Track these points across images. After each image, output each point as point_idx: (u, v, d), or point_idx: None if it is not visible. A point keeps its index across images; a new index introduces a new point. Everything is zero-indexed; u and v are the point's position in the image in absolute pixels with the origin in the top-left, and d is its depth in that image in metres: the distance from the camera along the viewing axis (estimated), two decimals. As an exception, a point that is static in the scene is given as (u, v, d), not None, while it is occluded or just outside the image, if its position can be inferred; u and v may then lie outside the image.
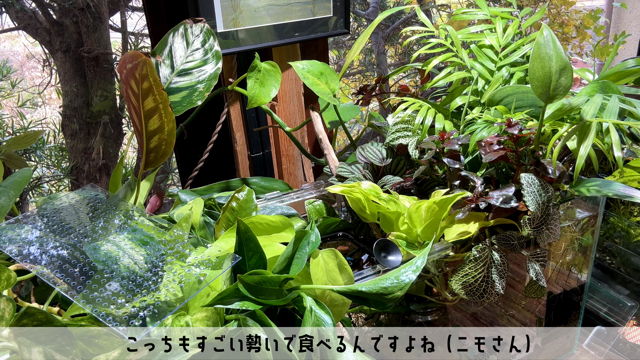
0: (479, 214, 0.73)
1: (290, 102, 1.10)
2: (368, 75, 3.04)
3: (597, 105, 0.76)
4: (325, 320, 0.50)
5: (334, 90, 0.87)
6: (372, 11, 2.72)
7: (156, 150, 0.61)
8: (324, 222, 0.79)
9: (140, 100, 0.57)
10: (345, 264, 0.57)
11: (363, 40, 0.98)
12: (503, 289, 0.72)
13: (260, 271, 0.51)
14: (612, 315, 1.05)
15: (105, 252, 0.49)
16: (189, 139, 0.93)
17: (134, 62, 0.55)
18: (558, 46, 0.71)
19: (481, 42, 0.98)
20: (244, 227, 0.53)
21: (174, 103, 0.72)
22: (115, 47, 2.02)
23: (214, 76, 0.74)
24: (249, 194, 0.67)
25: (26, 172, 0.63)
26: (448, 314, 0.86)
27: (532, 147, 0.76)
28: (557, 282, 0.93)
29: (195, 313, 0.50)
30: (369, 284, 0.53)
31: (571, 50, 1.74)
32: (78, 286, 0.47)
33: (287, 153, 1.12)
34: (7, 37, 2.99)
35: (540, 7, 1.64)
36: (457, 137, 0.79)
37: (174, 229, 0.56)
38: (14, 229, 0.53)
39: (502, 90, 0.88)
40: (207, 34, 0.76)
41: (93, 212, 0.58)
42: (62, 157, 2.00)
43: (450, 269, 0.76)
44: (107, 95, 1.94)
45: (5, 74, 1.96)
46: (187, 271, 0.50)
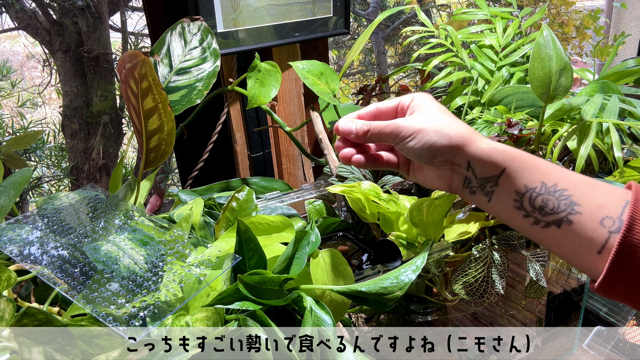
0: (479, 214, 0.73)
1: (290, 102, 1.10)
2: (368, 75, 3.05)
3: (597, 105, 0.76)
4: (325, 320, 0.50)
5: (334, 90, 0.87)
6: (372, 11, 2.72)
7: (156, 150, 0.61)
8: (324, 222, 0.79)
9: (140, 100, 0.57)
10: (345, 263, 0.57)
11: (363, 40, 0.98)
12: (503, 289, 0.72)
13: (261, 271, 0.51)
14: (612, 315, 1.05)
15: (106, 252, 0.49)
16: (189, 139, 0.93)
17: (133, 61, 0.55)
18: (558, 46, 0.71)
19: (481, 42, 0.98)
20: (244, 227, 0.53)
21: (173, 102, 0.71)
22: (115, 47, 2.02)
23: (212, 74, 0.74)
24: (249, 194, 0.66)
25: (26, 172, 0.63)
26: (448, 314, 0.86)
27: (532, 147, 0.76)
28: (557, 282, 0.93)
29: (195, 313, 0.50)
30: (369, 284, 0.53)
31: (571, 50, 1.74)
32: (78, 286, 0.47)
33: (287, 153, 1.12)
34: (7, 37, 2.99)
35: (540, 7, 1.64)
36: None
37: (174, 229, 0.56)
38: (14, 229, 0.53)
39: (502, 90, 0.88)
40: (204, 32, 0.76)
41: (93, 212, 0.58)
42: (62, 157, 2.00)
43: (450, 269, 0.76)
44: (107, 95, 1.94)
45: (5, 74, 1.96)
46: (187, 271, 0.50)
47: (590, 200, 0.43)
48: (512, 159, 0.47)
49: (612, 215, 0.42)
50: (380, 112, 0.55)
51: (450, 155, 0.49)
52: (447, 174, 0.51)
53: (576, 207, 0.43)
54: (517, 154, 0.47)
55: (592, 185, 0.44)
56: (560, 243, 0.45)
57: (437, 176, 0.52)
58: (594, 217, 0.43)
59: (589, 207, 0.43)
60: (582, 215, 0.43)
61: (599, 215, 0.42)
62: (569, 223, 0.44)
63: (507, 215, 0.48)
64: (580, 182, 0.44)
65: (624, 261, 0.40)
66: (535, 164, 0.46)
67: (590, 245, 0.43)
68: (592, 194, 0.44)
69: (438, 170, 0.52)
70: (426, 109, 0.52)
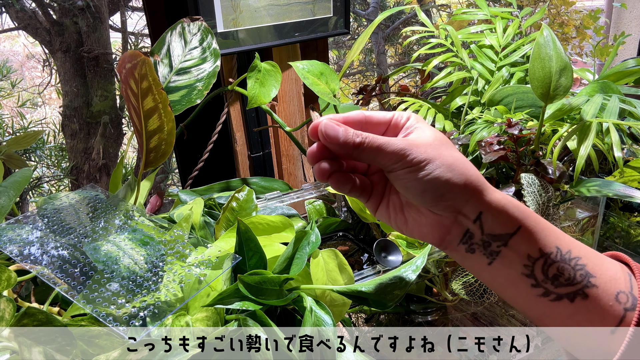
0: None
1: (290, 102, 1.10)
2: (368, 75, 3.05)
3: (597, 105, 0.76)
4: (325, 320, 0.50)
5: (334, 90, 0.87)
6: (372, 11, 2.72)
7: (156, 150, 0.61)
8: (324, 222, 0.79)
9: (140, 100, 0.57)
10: (346, 264, 0.57)
11: (363, 40, 0.98)
12: (503, 289, 0.72)
13: (261, 271, 0.51)
14: (612, 315, 1.05)
15: (106, 253, 0.49)
16: (189, 139, 0.93)
17: (133, 61, 0.55)
18: (558, 46, 0.71)
19: (481, 42, 0.98)
20: (244, 227, 0.53)
21: (173, 102, 0.71)
22: (115, 47, 2.02)
23: (212, 74, 0.74)
24: (249, 194, 0.66)
25: (26, 172, 0.63)
26: (448, 314, 0.86)
27: (532, 147, 0.76)
28: (557, 282, 0.92)
29: (196, 313, 0.50)
30: (369, 284, 0.53)
31: (571, 50, 1.74)
32: (78, 286, 0.47)
33: (287, 153, 1.12)
34: (7, 37, 2.99)
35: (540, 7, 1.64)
36: (457, 137, 0.79)
37: (174, 229, 0.56)
38: (14, 229, 0.53)
39: (502, 90, 0.88)
40: (204, 32, 0.76)
41: (93, 212, 0.58)
42: (62, 157, 2.00)
43: (450, 269, 0.76)
44: (107, 95, 1.94)
45: (5, 74, 1.96)
46: (187, 271, 0.50)
47: (603, 271, 0.39)
48: (527, 217, 0.39)
49: (624, 289, 0.38)
50: (368, 122, 0.43)
51: (461, 201, 0.39)
52: (444, 224, 0.41)
53: (592, 280, 0.38)
54: (531, 212, 0.40)
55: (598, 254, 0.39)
56: (569, 320, 0.39)
57: (430, 223, 0.41)
58: (609, 292, 0.38)
59: (603, 279, 0.38)
60: (598, 289, 0.38)
61: (614, 289, 0.38)
62: (584, 297, 0.38)
63: (510, 284, 0.40)
64: (588, 250, 0.39)
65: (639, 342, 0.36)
66: (547, 226, 0.40)
67: (603, 323, 0.38)
68: (602, 264, 0.39)
69: (433, 216, 0.41)
70: (430, 134, 0.41)
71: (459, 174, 0.39)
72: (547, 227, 0.40)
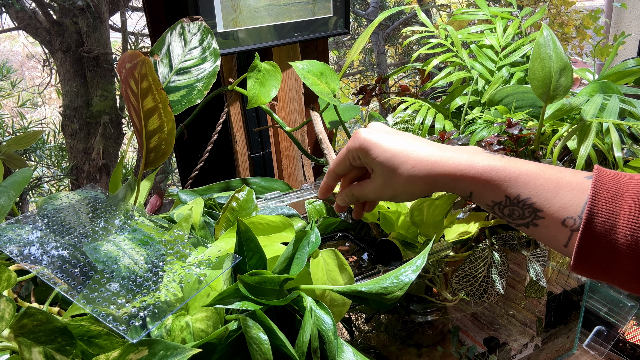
0: (479, 214, 0.73)
1: (290, 102, 1.10)
2: (368, 75, 3.05)
3: (597, 105, 0.76)
4: (326, 320, 0.50)
5: (334, 90, 0.87)
6: (372, 11, 2.72)
7: (156, 150, 0.61)
8: (324, 222, 0.79)
9: (140, 100, 0.57)
10: (346, 264, 0.57)
11: (363, 40, 0.98)
12: (503, 289, 0.72)
13: (261, 271, 0.51)
14: (612, 315, 1.05)
15: (106, 252, 0.49)
16: (189, 139, 0.93)
17: (133, 61, 0.55)
18: (558, 46, 0.71)
19: (481, 42, 0.98)
20: (244, 227, 0.53)
21: (173, 102, 0.71)
22: (115, 47, 2.02)
23: (212, 74, 0.74)
24: (249, 194, 0.66)
25: (26, 172, 0.63)
26: (448, 314, 0.86)
27: (533, 147, 0.76)
28: (557, 282, 0.93)
29: (195, 313, 0.50)
30: (369, 284, 0.53)
31: (571, 50, 1.74)
32: (78, 286, 0.47)
33: (287, 153, 1.12)
34: (7, 37, 2.99)
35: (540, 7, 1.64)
36: (457, 137, 0.79)
37: (174, 229, 0.56)
38: (14, 229, 0.53)
39: (502, 90, 0.88)
40: (204, 32, 0.76)
41: (93, 212, 0.58)
42: (62, 157, 2.00)
43: (450, 269, 0.76)
44: (107, 95, 1.93)
45: (5, 74, 1.96)
46: (187, 271, 0.50)
47: (552, 204, 0.49)
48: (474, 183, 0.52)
49: (572, 215, 0.48)
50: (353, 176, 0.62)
51: (438, 187, 0.55)
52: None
53: (539, 213, 0.50)
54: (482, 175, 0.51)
55: (555, 186, 0.49)
56: (534, 236, 0.52)
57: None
58: (556, 220, 0.49)
59: (551, 211, 0.49)
60: (544, 219, 0.49)
61: (561, 216, 0.48)
62: (535, 226, 0.50)
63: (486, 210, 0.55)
64: (542, 186, 0.49)
65: (586, 253, 0.46)
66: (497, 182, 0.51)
67: (557, 241, 0.49)
68: (553, 198, 0.49)
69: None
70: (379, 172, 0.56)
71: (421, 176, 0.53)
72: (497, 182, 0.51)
